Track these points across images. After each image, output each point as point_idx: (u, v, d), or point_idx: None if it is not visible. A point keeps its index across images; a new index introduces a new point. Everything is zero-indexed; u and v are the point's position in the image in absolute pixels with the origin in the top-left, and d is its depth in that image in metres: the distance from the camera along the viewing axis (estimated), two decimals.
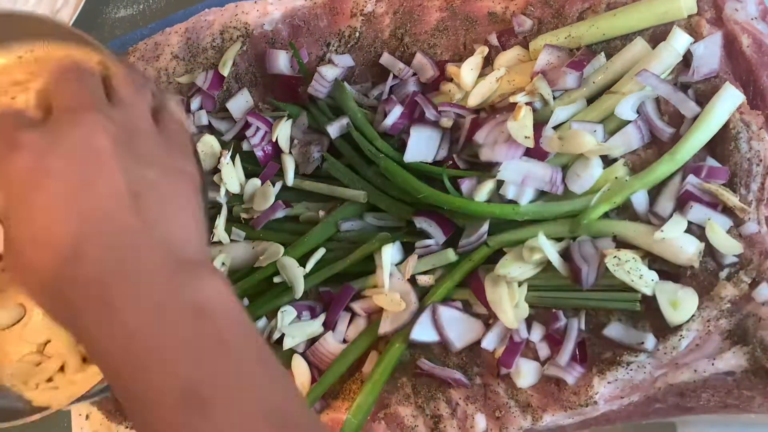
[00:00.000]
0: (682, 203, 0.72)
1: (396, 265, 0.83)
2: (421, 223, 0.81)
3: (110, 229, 0.49)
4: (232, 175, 0.92)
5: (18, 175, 0.50)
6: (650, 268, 0.72)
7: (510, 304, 0.75)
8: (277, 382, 0.49)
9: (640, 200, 0.73)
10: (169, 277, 0.48)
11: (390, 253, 0.82)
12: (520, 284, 0.76)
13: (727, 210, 0.71)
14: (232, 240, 0.93)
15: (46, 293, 0.50)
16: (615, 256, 0.71)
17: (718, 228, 0.70)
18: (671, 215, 0.72)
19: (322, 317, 0.86)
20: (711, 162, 0.73)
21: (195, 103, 0.99)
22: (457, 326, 0.80)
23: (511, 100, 0.79)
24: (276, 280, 0.89)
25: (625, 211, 0.75)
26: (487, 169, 0.80)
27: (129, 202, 0.50)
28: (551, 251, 0.74)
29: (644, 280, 0.70)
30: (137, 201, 0.50)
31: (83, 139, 0.51)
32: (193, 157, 0.60)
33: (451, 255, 0.80)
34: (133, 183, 0.51)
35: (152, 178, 0.52)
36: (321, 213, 0.89)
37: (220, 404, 0.45)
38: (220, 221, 0.94)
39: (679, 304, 0.70)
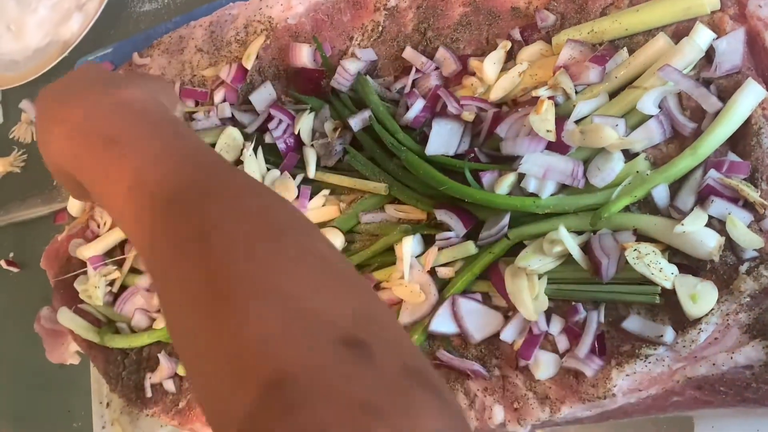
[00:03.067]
0: (702, 197, 0.72)
1: (416, 256, 0.84)
2: (442, 215, 0.81)
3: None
4: (254, 167, 0.93)
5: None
6: (670, 261, 0.72)
7: (530, 297, 0.76)
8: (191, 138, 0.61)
9: (661, 194, 0.74)
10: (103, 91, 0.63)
11: (411, 244, 0.82)
12: (540, 276, 0.77)
13: (747, 205, 0.71)
14: None
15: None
16: (635, 249, 0.71)
17: (738, 222, 0.70)
18: (692, 209, 0.72)
19: None
20: (732, 157, 0.73)
21: (218, 96, 1.00)
22: (476, 318, 0.80)
23: (534, 94, 0.79)
24: None
25: (645, 204, 0.75)
26: (509, 162, 0.80)
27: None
28: (572, 244, 0.74)
29: (664, 273, 0.71)
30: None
31: None
32: None
33: (471, 247, 0.81)
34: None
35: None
36: (342, 205, 0.90)
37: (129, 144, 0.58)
38: None
39: (699, 297, 0.70)
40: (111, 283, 1.01)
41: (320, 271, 0.47)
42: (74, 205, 1.08)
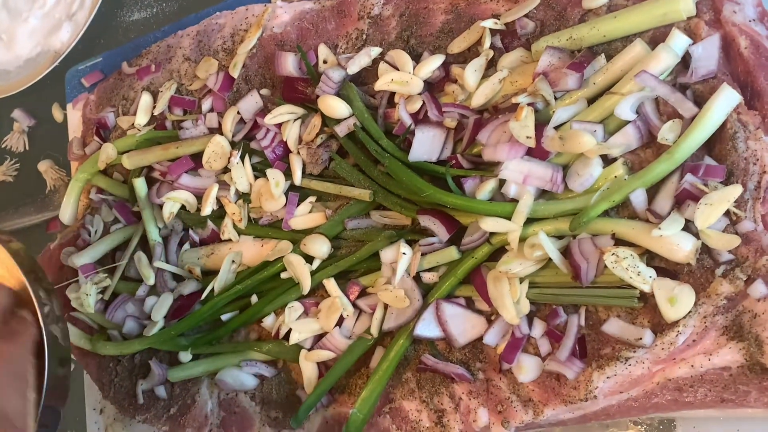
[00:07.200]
0: (679, 201, 0.73)
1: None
2: (425, 220, 0.82)
3: None
4: (241, 175, 0.94)
5: None
6: (648, 265, 0.73)
7: (511, 301, 0.77)
8: None
9: (638, 198, 0.74)
10: None
11: (403, 253, 0.83)
12: (521, 280, 0.78)
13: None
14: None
15: None
16: (613, 254, 0.72)
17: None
18: (669, 213, 0.73)
19: None
20: (709, 161, 0.74)
21: (206, 104, 1.01)
22: (460, 322, 0.81)
23: (514, 101, 0.80)
24: (284, 276, 0.91)
25: (624, 209, 0.76)
26: (490, 168, 0.81)
27: None
28: (552, 248, 0.75)
29: (642, 276, 0.72)
30: None
31: None
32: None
33: (454, 252, 0.82)
34: None
35: None
36: (328, 211, 0.91)
37: None
38: (228, 220, 0.96)
39: (677, 300, 0.71)
40: (102, 291, 1.01)
41: None
42: (66, 214, 1.09)
